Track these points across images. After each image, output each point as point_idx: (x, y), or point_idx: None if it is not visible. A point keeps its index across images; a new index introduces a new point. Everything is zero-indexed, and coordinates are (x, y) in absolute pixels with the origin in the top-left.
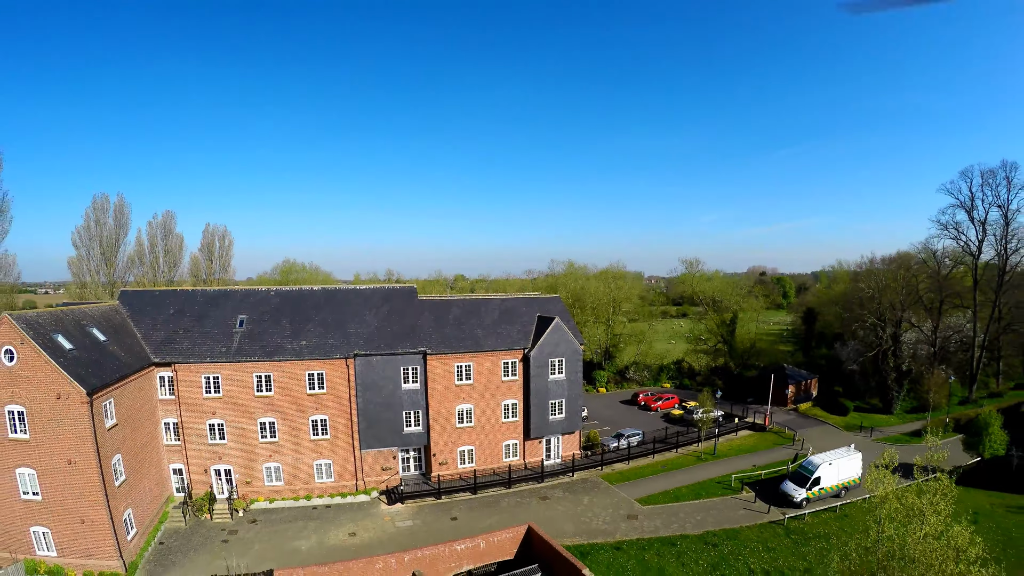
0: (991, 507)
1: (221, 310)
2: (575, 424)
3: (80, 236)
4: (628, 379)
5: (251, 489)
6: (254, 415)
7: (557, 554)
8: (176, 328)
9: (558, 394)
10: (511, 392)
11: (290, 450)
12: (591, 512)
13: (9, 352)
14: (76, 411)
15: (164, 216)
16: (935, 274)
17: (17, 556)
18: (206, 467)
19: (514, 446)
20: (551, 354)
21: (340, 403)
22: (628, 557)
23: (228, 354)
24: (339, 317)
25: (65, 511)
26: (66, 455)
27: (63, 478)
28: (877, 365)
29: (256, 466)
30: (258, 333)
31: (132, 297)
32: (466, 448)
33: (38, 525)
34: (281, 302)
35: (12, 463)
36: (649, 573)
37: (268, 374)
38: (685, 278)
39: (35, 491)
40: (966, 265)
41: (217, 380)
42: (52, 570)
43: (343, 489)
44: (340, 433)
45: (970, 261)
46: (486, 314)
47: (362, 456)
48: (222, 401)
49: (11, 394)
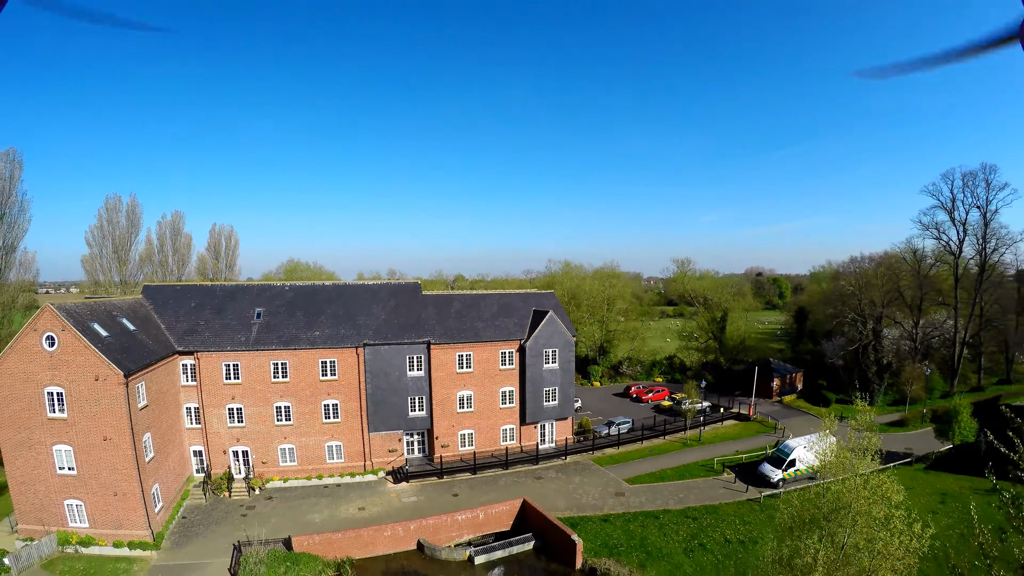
0: (959, 489)
1: (239, 303)
2: (568, 411)
3: (93, 235)
4: (621, 374)
5: (267, 469)
6: (271, 400)
7: (549, 523)
8: (198, 320)
9: (552, 382)
10: (508, 380)
11: (304, 433)
12: (582, 490)
13: (50, 338)
14: (113, 391)
15: (173, 216)
16: (916, 273)
17: (50, 528)
18: (225, 449)
19: (511, 430)
20: (545, 345)
21: (350, 389)
22: (614, 528)
23: (247, 343)
24: (349, 310)
25: (99, 484)
26: (102, 432)
27: (98, 454)
28: (859, 359)
29: (272, 448)
30: (274, 324)
31: (154, 291)
32: (466, 432)
33: (72, 498)
34: (295, 296)
35: (50, 440)
36: (633, 540)
37: (284, 362)
38: (677, 278)
39: (71, 466)
40: (948, 264)
41: (237, 367)
42: (84, 540)
43: (352, 469)
44: (350, 417)
45: (951, 260)
46: (485, 308)
47: (370, 438)
48: (241, 387)
49: (52, 376)
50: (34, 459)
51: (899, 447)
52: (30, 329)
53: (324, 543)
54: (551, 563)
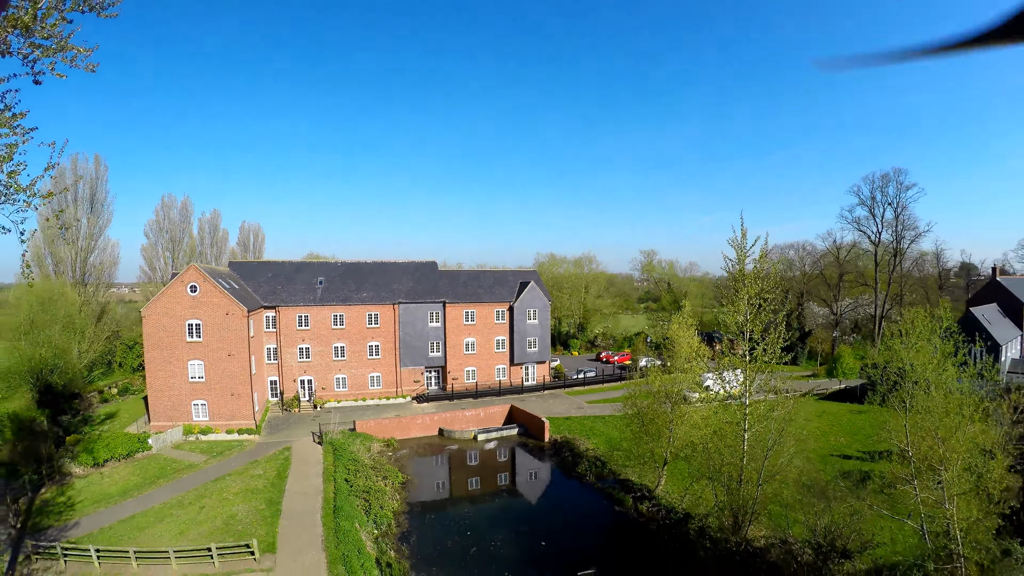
0: (837, 411)
1: (304, 274)
2: (545, 356)
3: (151, 228)
4: (596, 346)
5: (324, 394)
6: (330, 342)
7: (529, 416)
8: (275, 286)
9: (533, 334)
10: (501, 331)
11: (353, 366)
12: (553, 406)
13: (193, 287)
14: (238, 322)
15: (212, 214)
16: (836, 259)
17: (176, 423)
18: (295, 378)
19: (503, 369)
20: (528, 305)
21: (388, 335)
22: (573, 423)
23: (314, 301)
24: (386, 279)
25: (221, 388)
26: (227, 350)
27: (223, 366)
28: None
29: (329, 377)
30: (333, 288)
31: (239, 266)
32: (470, 368)
33: (199, 399)
34: (346, 270)
35: (187, 357)
36: (584, 429)
37: (341, 314)
38: (645, 267)
39: (200, 376)
40: (868, 252)
41: (307, 318)
42: (204, 429)
43: (387, 394)
44: (387, 355)
45: (872, 249)
46: (484, 280)
47: (401, 372)
48: (309, 332)
49: (193, 312)
50: (173, 372)
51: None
52: (178, 282)
53: (377, 426)
54: (529, 440)
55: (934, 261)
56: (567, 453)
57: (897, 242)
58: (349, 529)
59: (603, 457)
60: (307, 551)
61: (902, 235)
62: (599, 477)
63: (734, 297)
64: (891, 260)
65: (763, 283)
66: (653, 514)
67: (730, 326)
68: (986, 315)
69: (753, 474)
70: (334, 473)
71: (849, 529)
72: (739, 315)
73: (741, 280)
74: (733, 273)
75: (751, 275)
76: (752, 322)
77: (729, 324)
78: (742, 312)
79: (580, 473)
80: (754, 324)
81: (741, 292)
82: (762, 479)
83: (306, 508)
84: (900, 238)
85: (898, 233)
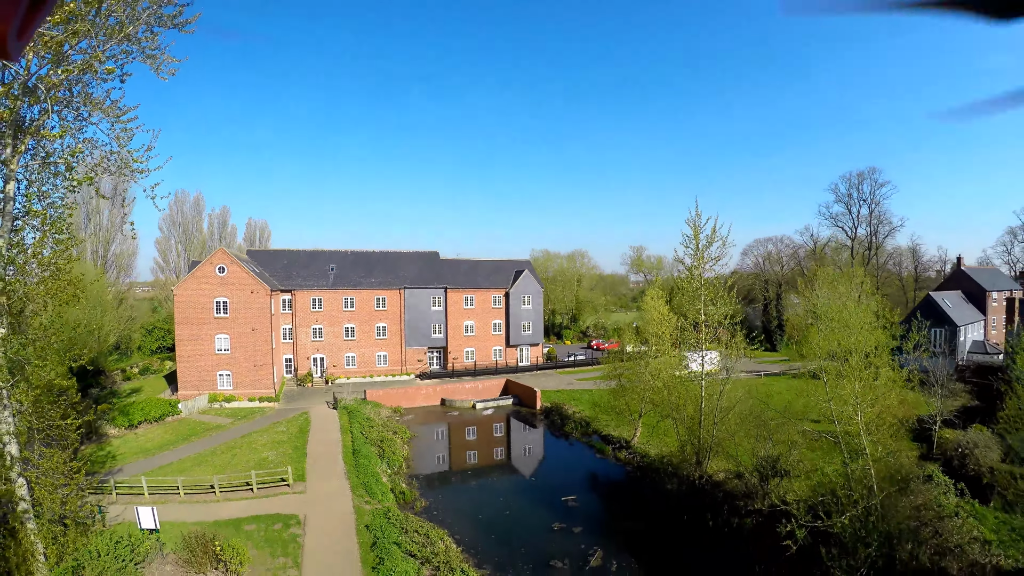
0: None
1: (318, 261)
2: (538, 339)
3: (165, 222)
4: (588, 336)
5: (335, 370)
6: (341, 323)
7: (522, 388)
8: (290, 272)
9: (527, 318)
10: (498, 316)
11: (362, 346)
12: (546, 382)
13: (221, 268)
14: (262, 300)
15: (222, 210)
16: (813, 251)
17: (202, 391)
18: (308, 355)
19: (499, 350)
20: (523, 292)
21: (394, 317)
22: (562, 394)
23: (327, 285)
24: (393, 266)
25: (245, 360)
26: (251, 325)
27: (247, 340)
28: (766, 315)
29: (340, 355)
30: (344, 274)
31: (255, 255)
32: (469, 349)
33: (224, 369)
34: (355, 258)
35: (214, 331)
36: (572, 397)
37: (352, 297)
38: (634, 262)
39: (226, 348)
40: (845, 246)
41: (320, 300)
42: (228, 398)
43: (393, 372)
44: (393, 336)
45: (848, 242)
46: (483, 269)
47: (406, 351)
48: (322, 314)
49: (221, 291)
50: (201, 345)
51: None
52: (207, 263)
53: (385, 395)
54: (523, 408)
55: (911, 256)
56: (556, 417)
57: (873, 236)
58: (367, 465)
59: (588, 419)
60: (332, 479)
61: (877, 230)
62: (584, 434)
63: (692, 297)
64: (866, 253)
65: (714, 291)
66: (629, 460)
67: (689, 316)
68: (947, 300)
69: (709, 414)
70: (350, 428)
71: (786, 457)
72: (697, 307)
73: (692, 287)
74: (687, 275)
75: (703, 281)
76: (709, 314)
77: (688, 313)
78: (698, 308)
79: (567, 432)
80: (709, 316)
81: (694, 293)
82: (716, 418)
83: (328, 452)
84: (875, 232)
85: (873, 228)
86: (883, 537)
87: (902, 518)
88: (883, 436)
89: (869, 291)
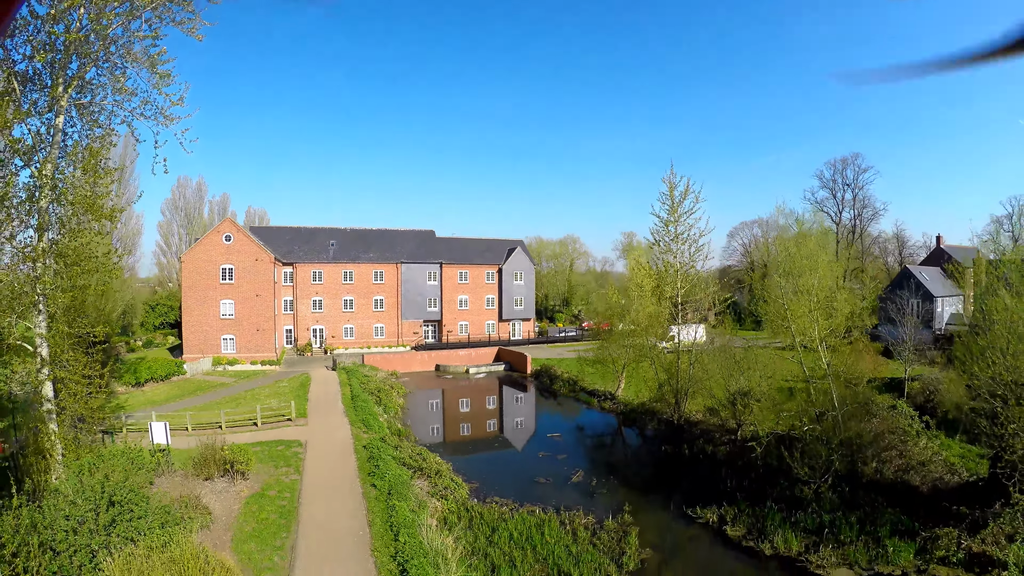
0: None
1: (318, 237)
2: (529, 314)
3: (168, 206)
4: (579, 319)
5: (334, 341)
6: (340, 295)
7: (513, 354)
8: (292, 247)
9: (519, 294)
10: (491, 291)
11: (360, 317)
12: (536, 352)
13: (228, 236)
14: (266, 267)
15: (222, 197)
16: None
17: (206, 355)
18: (308, 326)
19: (492, 325)
20: (515, 268)
21: (391, 290)
22: (551, 361)
23: (328, 259)
24: (391, 243)
25: (249, 324)
26: (255, 291)
27: (251, 305)
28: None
29: (339, 327)
30: (344, 249)
31: (259, 231)
32: (463, 323)
33: (227, 334)
34: (354, 235)
35: (219, 297)
36: (561, 362)
37: (351, 271)
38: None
39: (231, 313)
40: (830, 229)
41: (320, 273)
42: (231, 361)
43: (390, 343)
44: (390, 309)
45: (833, 226)
46: (477, 246)
47: (402, 324)
48: (322, 286)
49: (227, 258)
50: (206, 310)
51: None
52: (214, 232)
53: (382, 360)
54: (514, 373)
55: (896, 242)
56: (545, 378)
57: (857, 220)
58: (365, 407)
59: (575, 377)
60: (332, 416)
61: (860, 214)
62: (571, 390)
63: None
64: (850, 236)
65: (689, 282)
66: (614, 409)
67: (666, 294)
68: (924, 273)
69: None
70: (349, 382)
71: (756, 390)
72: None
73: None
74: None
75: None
76: (682, 293)
77: (666, 293)
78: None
79: (555, 389)
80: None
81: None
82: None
83: (328, 400)
84: (859, 216)
85: (857, 212)
86: (844, 442)
87: (864, 431)
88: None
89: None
